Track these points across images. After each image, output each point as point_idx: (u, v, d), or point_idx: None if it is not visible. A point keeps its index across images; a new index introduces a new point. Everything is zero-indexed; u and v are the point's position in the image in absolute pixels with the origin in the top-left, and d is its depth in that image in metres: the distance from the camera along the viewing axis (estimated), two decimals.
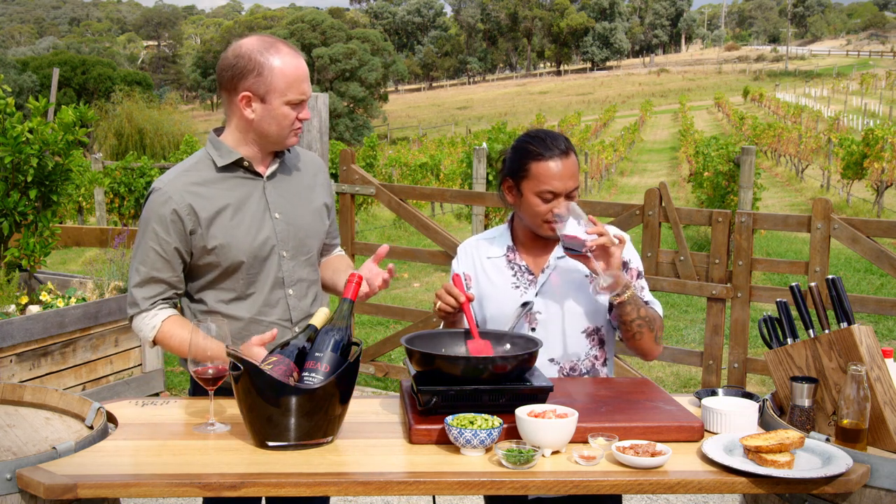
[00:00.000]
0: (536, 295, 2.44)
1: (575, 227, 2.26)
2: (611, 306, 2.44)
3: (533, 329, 2.43)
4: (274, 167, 2.40)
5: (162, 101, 37.66)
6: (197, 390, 2.45)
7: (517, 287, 2.45)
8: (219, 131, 2.40)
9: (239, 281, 2.35)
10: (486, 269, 2.51)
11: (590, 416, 2.04)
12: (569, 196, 2.36)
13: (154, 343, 2.34)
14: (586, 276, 2.43)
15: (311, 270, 2.48)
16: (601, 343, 2.49)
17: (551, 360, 2.45)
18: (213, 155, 2.35)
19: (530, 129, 2.48)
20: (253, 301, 2.37)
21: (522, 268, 2.47)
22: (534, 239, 2.48)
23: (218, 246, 2.30)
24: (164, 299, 2.34)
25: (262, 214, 2.36)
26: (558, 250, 2.44)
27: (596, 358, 2.49)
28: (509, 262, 2.49)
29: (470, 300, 2.27)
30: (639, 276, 2.50)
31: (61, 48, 67.54)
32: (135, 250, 2.34)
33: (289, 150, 2.45)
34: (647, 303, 2.46)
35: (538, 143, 2.36)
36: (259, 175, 2.38)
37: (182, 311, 2.44)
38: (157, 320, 2.31)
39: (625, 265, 2.48)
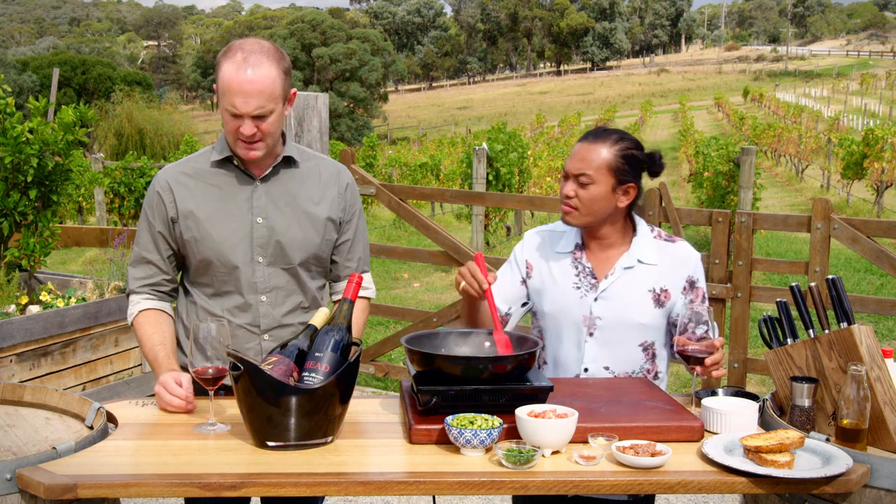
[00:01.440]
0: (596, 300, 2.41)
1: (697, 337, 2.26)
2: (673, 327, 2.44)
3: (591, 334, 2.42)
4: (268, 171, 2.36)
5: (162, 101, 37.68)
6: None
7: (578, 288, 2.43)
8: None
9: (213, 278, 2.36)
10: (550, 262, 2.48)
11: (590, 416, 2.04)
12: (577, 180, 2.35)
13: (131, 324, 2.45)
14: (648, 290, 2.41)
15: (291, 280, 2.39)
16: (654, 357, 2.46)
17: (606, 368, 2.43)
18: (214, 149, 2.38)
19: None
20: (226, 300, 2.37)
21: (587, 269, 2.44)
22: (597, 239, 2.45)
23: (190, 239, 2.33)
24: (152, 285, 2.40)
25: (244, 217, 2.33)
26: (625, 258, 2.42)
27: (648, 371, 2.46)
28: (575, 260, 2.46)
29: (490, 284, 2.25)
30: (703, 299, 2.45)
31: (61, 48, 67.55)
32: (138, 230, 2.45)
33: (293, 160, 2.40)
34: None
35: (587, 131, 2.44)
36: (252, 177, 2.36)
37: (178, 303, 2.49)
38: (136, 308, 2.39)
39: (692, 284, 2.44)
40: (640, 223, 2.49)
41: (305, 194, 2.40)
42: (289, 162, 2.40)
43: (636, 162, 2.39)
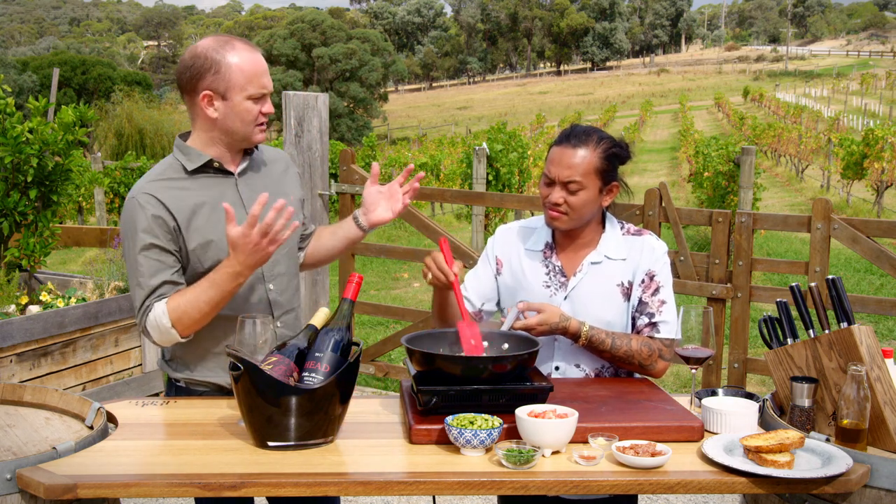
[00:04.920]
0: (565, 299, 2.41)
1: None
2: (633, 320, 2.43)
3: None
4: (244, 164, 2.38)
5: (162, 101, 37.61)
6: (170, 392, 2.44)
7: (548, 287, 2.43)
8: (185, 136, 2.37)
9: None
10: (521, 260, 2.48)
11: (590, 416, 2.04)
12: (566, 187, 2.33)
13: (175, 329, 2.20)
14: (617, 285, 2.41)
15: (292, 264, 2.47)
16: None
17: (577, 366, 2.43)
18: (181, 160, 2.32)
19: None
20: (233, 299, 2.31)
21: (557, 268, 2.44)
22: (570, 238, 2.45)
23: (198, 246, 2.27)
24: (169, 282, 2.23)
25: (239, 212, 2.32)
26: (593, 255, 2.43)
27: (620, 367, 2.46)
28: (545, 258, 2.46)
29: (455, 276, 2.26)
30: (655, 291, 2.40)
31: (61, 48, 67.50)
32: (131, 267, 2.25)
33: (256, 148, 2.43)
34: (654, 325, 2.38)
35: (562, 132, 2.41)
36: (230, 173, 2.36)
37: None
38: (162, 305, 2.19)
39: (651, 278, 2.41)
40: (610, 220, 2.49)
41: (273, 180, 2.44)
42: (250, 152, 2.42)
43: (618, 159, 2.40)
